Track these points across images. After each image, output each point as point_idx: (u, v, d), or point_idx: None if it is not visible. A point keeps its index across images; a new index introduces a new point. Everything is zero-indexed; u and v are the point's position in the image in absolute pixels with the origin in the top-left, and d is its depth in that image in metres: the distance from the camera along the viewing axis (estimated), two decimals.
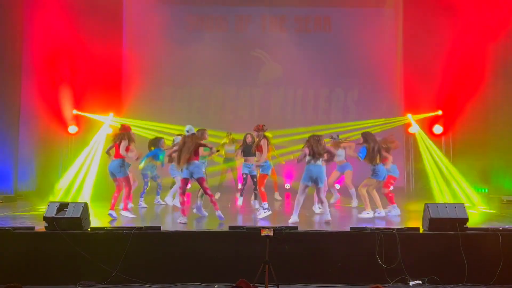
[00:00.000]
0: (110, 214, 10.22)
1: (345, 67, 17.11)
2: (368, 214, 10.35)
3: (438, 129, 15.94)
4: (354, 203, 12.56)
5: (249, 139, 11.70)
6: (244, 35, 17.70)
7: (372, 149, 10.43)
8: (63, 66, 15.12)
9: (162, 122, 15.78)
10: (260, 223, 9.67)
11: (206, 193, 10.04)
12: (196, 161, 9.78)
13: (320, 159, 9.68)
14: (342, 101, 18.11)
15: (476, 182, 14.73)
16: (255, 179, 11.51)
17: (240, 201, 11.97)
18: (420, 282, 7.92)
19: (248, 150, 11.51)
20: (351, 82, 17.70)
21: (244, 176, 11.61)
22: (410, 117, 16.01)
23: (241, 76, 17.76)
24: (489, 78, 14.25)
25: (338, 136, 12.82)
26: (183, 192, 9.92)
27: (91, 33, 15.09)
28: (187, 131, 9.91)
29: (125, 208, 10.27)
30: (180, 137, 10.84)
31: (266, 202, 10.63)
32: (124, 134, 10.45)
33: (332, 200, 12.85)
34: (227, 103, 18.05)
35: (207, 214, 10.51)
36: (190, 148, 9.72)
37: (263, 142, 10.76)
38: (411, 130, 16.76)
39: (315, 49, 17.17)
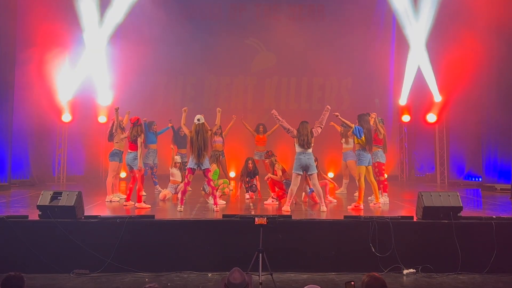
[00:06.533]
0: (125, 206, 10.30)
1: (339, 55, 17.00)
2: (357, 206, 10.07)
3: (431, 117, 15.89)
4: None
5: (250, 165, 11.55)
6: (238, 23, 17.60)
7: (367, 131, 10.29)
8: (57, 54, 15.02)
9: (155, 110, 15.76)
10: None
11: (209, 184, 10.05)
12: (205, 153, 9.80)
13: (310, 149, 9.77)
14: (336, 90, 18.10)
15: (470, 171, 14.75)
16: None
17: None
18: (414, 270, 7.96)
19: (249, 175, 11.56)
20: (345, 70, 17.63)
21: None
22: None
23: (235, 65, 17.71)
24: (483, 66, 14.17)
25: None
26: (188, 182, 9.89)
27: None
28: (198, 120, 9.87)
29: (140, 201, 10.15)
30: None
31: (274, 193, 10.89)
32: (139, 127, 10.46)
33: (337, 191, 12.79)
34: (221, 92, 18.01)
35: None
36: (206, 139, 9.74)
37: (277, 168, 11.00)
38: (404, 119, 16.78)
39: (308, 37, 17.10)
